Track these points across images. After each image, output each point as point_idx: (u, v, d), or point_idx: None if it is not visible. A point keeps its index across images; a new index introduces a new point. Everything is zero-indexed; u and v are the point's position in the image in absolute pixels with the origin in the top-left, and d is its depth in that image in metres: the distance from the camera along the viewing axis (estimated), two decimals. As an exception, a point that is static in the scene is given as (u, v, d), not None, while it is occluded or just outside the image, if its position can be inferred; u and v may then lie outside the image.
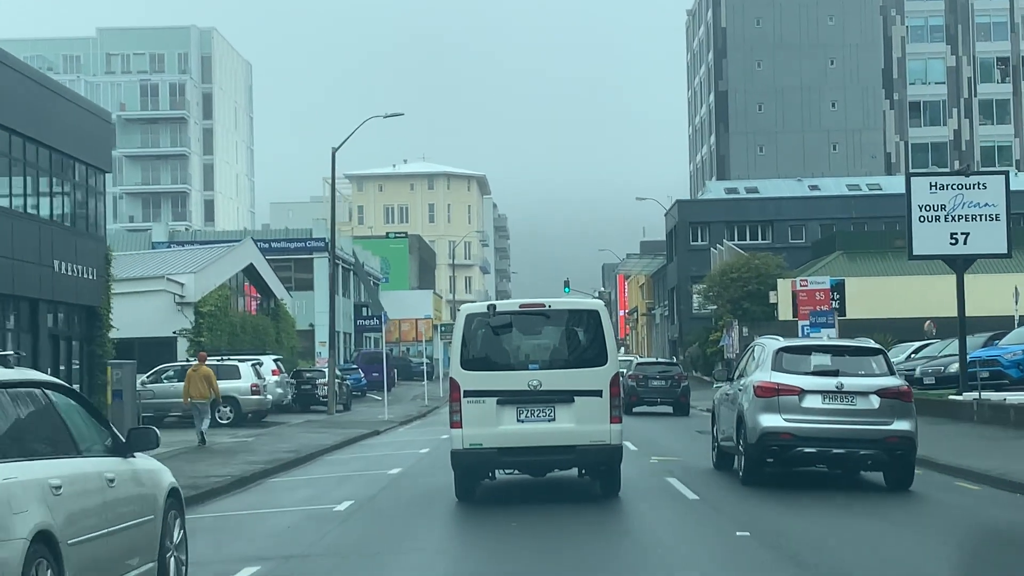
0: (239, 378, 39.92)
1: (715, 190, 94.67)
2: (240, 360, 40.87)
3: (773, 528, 14.63)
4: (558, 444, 16.50)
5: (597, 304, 17.40)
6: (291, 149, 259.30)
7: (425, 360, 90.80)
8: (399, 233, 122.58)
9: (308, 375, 53.70)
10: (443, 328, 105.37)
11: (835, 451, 17.99)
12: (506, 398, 16.44)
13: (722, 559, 12.81)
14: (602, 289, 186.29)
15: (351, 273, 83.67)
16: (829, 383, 17.99)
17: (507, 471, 18.07)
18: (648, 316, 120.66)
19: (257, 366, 41.31)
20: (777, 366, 18.44)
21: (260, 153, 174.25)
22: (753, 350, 20.07)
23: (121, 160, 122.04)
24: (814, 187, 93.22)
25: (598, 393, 16.48)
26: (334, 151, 48.01)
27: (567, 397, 16.46)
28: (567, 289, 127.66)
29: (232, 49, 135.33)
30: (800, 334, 45.13)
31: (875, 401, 17.88)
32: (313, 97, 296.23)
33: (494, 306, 17.09)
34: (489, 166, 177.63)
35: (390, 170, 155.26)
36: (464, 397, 16.48)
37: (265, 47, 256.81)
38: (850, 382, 18.00)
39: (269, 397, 41.51)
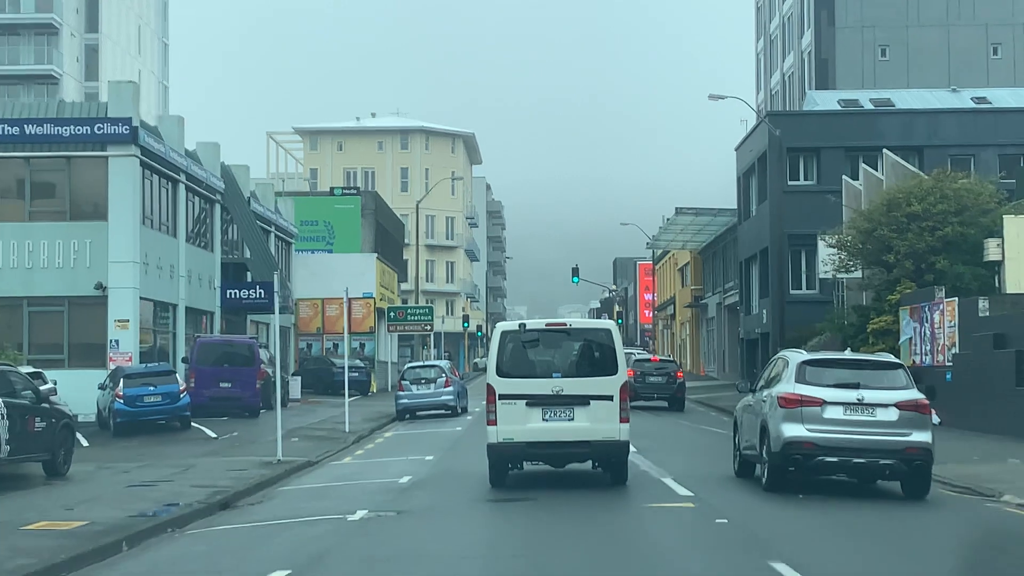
0: None
1: (824, 102, 60.19)
2: None
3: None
4: (576, 440, 20.00)
5: (610, 324, 20.94)
6: (230, 102, 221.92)
7: (357, 364, 56.07)
8: (349, 189, 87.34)
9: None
10: (392, 314, 70.24)
11: (855, 460, 18.86)
12: (533, 400, 19.93)
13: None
14: (613, 287, 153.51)
15: (217, 206, 48.36)
16: (850, 395, 18.87)
17: (533, 462, 21.25)
18: (695, 309, 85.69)
19: None
20: (800, 378, 19.32)
21: (183, 99, 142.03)
22: (776, 363, 20.99)
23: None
24: (980, 99, 59.74)
25: (610, 398, 19.87)
26: None
27: (584, 401, 19.89)
28: (575, 279, 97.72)
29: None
30: None
31: (894, 413, 18.76)
32: (260, 38, 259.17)
33: (524, 324, 20.58)
34: (486, 152, 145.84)
35: (353, 124, 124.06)
36: (499, 399, 19.96)
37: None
38: (870, 395, 18.85)
39: None
